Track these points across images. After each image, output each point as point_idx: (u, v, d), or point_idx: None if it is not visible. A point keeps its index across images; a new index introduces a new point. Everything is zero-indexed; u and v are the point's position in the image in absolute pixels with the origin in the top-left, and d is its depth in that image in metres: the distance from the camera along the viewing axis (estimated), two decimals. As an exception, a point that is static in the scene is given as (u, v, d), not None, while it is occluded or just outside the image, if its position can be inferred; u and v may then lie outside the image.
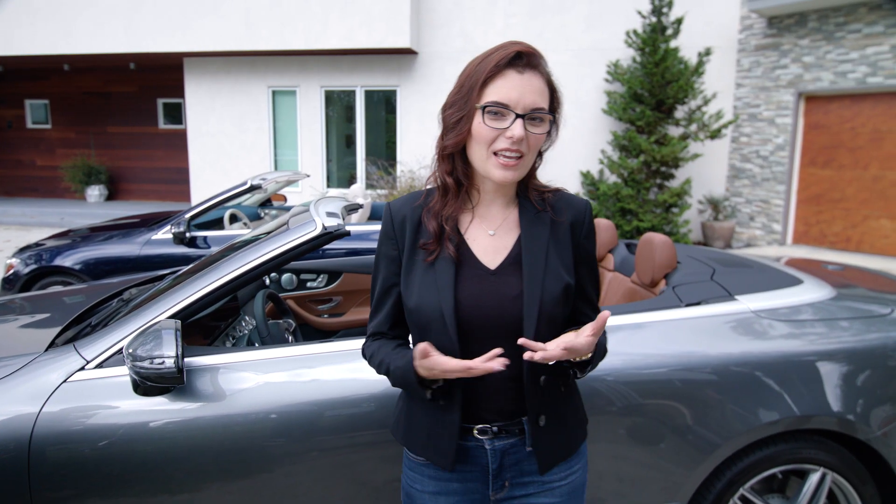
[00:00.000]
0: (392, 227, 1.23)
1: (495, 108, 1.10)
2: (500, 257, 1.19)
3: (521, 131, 1.09)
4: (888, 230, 8.16)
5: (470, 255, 1.19)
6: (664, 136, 8.62)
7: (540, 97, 1.12)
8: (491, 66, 1.10)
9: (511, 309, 1.14)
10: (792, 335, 1.92)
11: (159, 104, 12.94)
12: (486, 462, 1.20)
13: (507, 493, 1.23)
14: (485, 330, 1.15)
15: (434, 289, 1.15)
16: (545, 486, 1.23)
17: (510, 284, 1.16)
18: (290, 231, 1.87)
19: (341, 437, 1.68)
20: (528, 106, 1.10)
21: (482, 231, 1.21)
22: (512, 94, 1.09)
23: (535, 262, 1.16)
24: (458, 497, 1.23)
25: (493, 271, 1.18)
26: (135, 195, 13.42)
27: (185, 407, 1.66)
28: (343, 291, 3.22)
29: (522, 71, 1.10)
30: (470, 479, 1.22)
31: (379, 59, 10.18)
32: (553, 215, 1.21)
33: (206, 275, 1.79)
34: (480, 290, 1.16)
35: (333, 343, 1.80)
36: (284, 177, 5.04)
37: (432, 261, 1.17)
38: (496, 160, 1.12)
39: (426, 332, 1.17)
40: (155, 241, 4.48)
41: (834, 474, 1.91)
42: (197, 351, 1.77)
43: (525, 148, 1.12)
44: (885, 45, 7.73)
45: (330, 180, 10.95)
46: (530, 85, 1.10)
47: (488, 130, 1.11)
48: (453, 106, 1.16)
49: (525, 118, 1.10)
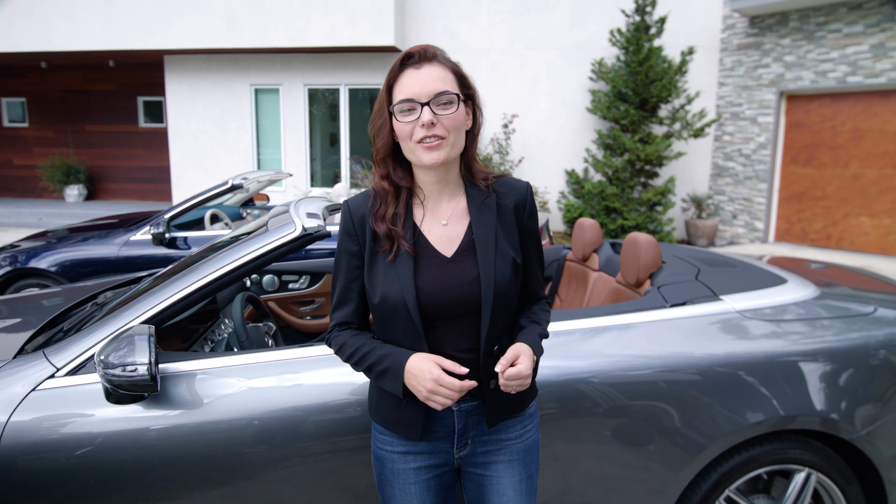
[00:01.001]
0: (352, 224, 1.31)
1: (402, 104, 1.21)
2: (455, 245, 1.29)
3: (429, 116, 1.19)
4: (867, 228, 8.27)
5: (427, 245, 1.28)
6: (648, 135, 8.66)
7: (441, 83, 1.21)
8: (390, 72, 1.23)
9: (469, 292, 1.25)
10: (777, 335, 1.91)
11: (139, 102, 12.76)
12: (452, 423, 1.31)
13: (470, 450, 1.34)
14: (446, 312, 1.26)
15: (396, 282, 1.24)
16: (502, 445, 1.35)
17: (466, 270, 1.26)
18: (269, 233, 1.83)
19: (324, 442, 1.65)
20: (430, 93, 1.20)
21: (436, 222, 1.30)
22: (413, 88, 1.20)
23: (486, 247, 1.27)
24: (425, 456, 1.33)
25: (449, 259, 1.27)
26: (115, 195, 13.22)
27: (162, 414, 1.61)
28: (325, 293, 3.17)
29: (419, 66, 1.22)
30: (436, 439, 1.32)
31: (363, 57, 10.11)
32: (498, 199, 1.31)
33: (181, 278, 1.74)
34: (441, 277, 1.26)
35: (314, 347, 1.76)
36: (266, 176, 4.97)
37: (392, 258, 1.26)
38: (421, 146, 1.21)
39: (392, 321, 1.27)
40: (134, 242, 4.40)
41: (819, 474, 1.90)
42: (173, 357, 1.72)
43: (442, 131, 1.21)
44: (865, 44, 7.83)
45: (314, 179, 10.86)
46: (429, 75, 1.21)
47: (403, 125, 1.22)
48: (375, 116, 1.28)
49: (430, 104, 1.20)
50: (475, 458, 1.35)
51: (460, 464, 1.36)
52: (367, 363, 1.29)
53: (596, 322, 1.88)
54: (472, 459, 1.35)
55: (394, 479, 1.35)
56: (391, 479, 1.35)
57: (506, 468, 1.34)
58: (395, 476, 1.35)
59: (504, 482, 1.34)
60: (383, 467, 1.37)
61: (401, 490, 1.34)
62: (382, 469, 1.37)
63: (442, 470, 1.36)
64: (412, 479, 1.33)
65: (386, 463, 1.36)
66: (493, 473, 1.35)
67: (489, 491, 1.35)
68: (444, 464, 1.35)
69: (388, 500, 1.38)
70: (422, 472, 1.34)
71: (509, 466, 1.35)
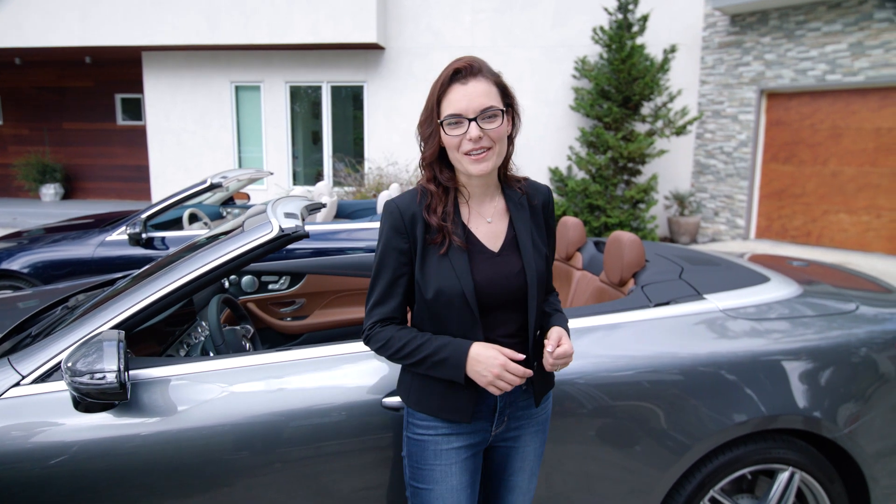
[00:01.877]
0: (402, 222, 1.38)
1: (451, 119, 1.31)
2: (500, 241, 1.41)
3: (476, 132, 1.29)
4: (846, 224, 8.38)
5: (476, 241, 1.40)
6: (631, 133, 8.69)
7: (486, 98, 1.31)
8: (438, 87, 1.32)
9: (516, 283, 1.38)
10: (760, 334, 1.90)
11: (117, 99, 12.52)
12: (494, 403, 1.42)
13: (505, 426, 1.46)
14: (497, 302, 1.38)
15: (452, 274, 1.34)
16: (531, 418, 1.49)
17: (511, 263, 1.39)
18: (246, 233, 1.78)
19: (306, 447, 1.61)
20: (477, 109, 1.30)
21: (481, 220, 1.42)
22: (461, 103, 1.30)
23: (526, 243, 1.41)
24: (466, 436, 1.43)
25: (496, 253, 1.40)
26: (93, 194, 12.98)
27: (136, 422, 1.56)
28: (307, 293, 3.12)
29: (465, 82, 1.31)
30: (478, 419, 1.43)
31: (345, 54, 10.02)
32: (529, 200, 1.46)
33: (153, 281, 1.69)
34: (492, 270, 1.38)
35: (292, 351, 1.72)
36: (247, 174, 4.89)
37: (444, 252, 1.35)
38: (469, 158, 1.32)
39: (446, 313, 1.36)
40: (110, 242, 4.29)
41: (802, 473, 1.90)
42: (145, 363, 1.66)
43: (488, 142, 1.32)
44: (844, 43, 7.92)
45: (296, 178, 10.75)
46: (475, 91, 1.30)
47: (452, 139, 1.32)
48: (423, 124, 1.37)
49: (477, 119, 1.30)
50: (507, 433, 1.47)
51: (493, 440, 1.47)
52: (421, 354, 1.36)
53: (580, 322, 1.85)
54: (504, 434, 1.47)
55: (435, 461, 1.42)
56: (432, 461, 1.42)
57: (531, 438, 1.50)
58: (437, 457, 1.42)
59: (528, 449, 1.50)
60: (424, 451, 1.43)
61: (441, 471, 1.42)
62: (423, 453, 1.43)
63: (477, 449, 1.46)
64: (453, 459, 1.42)
65: (428, 446, 1.42)
66: (519, 444, 1.49)
67: (513, 458, 1.50)
68: (481, 443, 1.46)
69: (427, 482, 1.43)
70: (462, 452, 1.43)
71: (534, 436, 1.51)
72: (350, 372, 1.70)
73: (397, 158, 9.82)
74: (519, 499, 1.54)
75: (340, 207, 5.74)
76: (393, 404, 1.63)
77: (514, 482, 1.52)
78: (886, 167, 7.92)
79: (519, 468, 1.51)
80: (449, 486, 1.42)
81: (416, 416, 1.45)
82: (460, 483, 1.42)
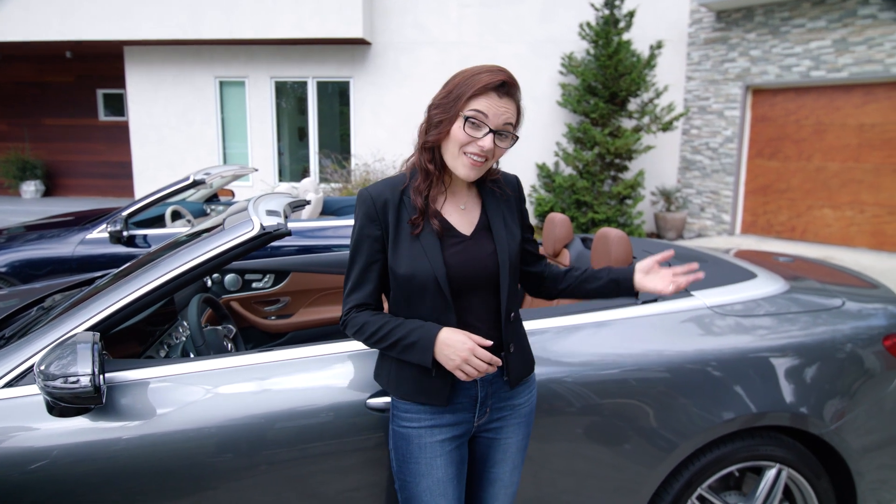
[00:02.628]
0: (375, 209, 1.40)
1: (476, 118, 1.33)
2: (472, 226, 1.45)
3: (490, 144, 1.34)
4: (830, 219, 8.46)
5: (448, 225, 1.43)
6: (618, 129, 8.70)
7: (511, 116, 1.36)
8: (480, 85, 1.32)
9: (488, 264, 1.42)
10: (748, 331, 1.89)
11: (99, 95, 12.33)
12: (475, 393, 1.43)
13: (488, 417, 1.47)
14: (469, 285, 1.41)
15: (425, 259, 1.37)
16: (514, 409, 1.50)
17: (483, 246, 1.43)
18: (226, 232, 1.73)
19: (292, 449, 1.58)
20: (501, 124, 1.35)
21: (455, 206, 1.46)
22: (490, 111, 1.33)
23: (499, 227, 1.46)
24: (449, 428, 1.43)
25: (469, 237, 1.43)
26: (74, 191, 12.79)
27: (115, 426, 1.52)
28: (291, 292, 3.08)
29: (502, 96, 1.34)
30: (460, 410, 1.44)
31: (331, 49, 9.93)
32: (500, 189, 1.52)
33: (129, 282, 1.64)
34: (464, 253, 1.41)
35: (276, 352, 1.68)
36: (231, 171, 4.83)
37: (418, 234, 1.38)
38: (465, 159, 1.35)
39: (419, 296, 1.39)
40: (90, 240, 4.21)
41: (789, 470, 1.90)
42: (122, 364, 1.62)
43: (490, 154, 1.37)
44: (828, 39, 7.97)
45: (282, 174, 10.66)
46: (505, 108, 1.34)
47: (465, 136, 1.34)
48: (439, 108, 1.37)
49: (496, 133, 1.34)
50: (490, 423, 1.48)
51: (476, 431, 1.48)
52: (393, 338, 1.38)
53: (568, 321, 1.84)
54: (487, 425, 1.48)
55: (420, 455, 1.42)
56: (418, 454, 1.42)
57: (513, 430, 1.51)
58: (421, 451, 1.42)
59: (510, 441, 1.50)
60: (409, 444, 1.43)
61: (426, 464, 1.42)
62: (408, 446, 1.43)
63: (462, 441, 1.47)
64: (438, 452, 1.42)
65: (413, 439, 1.43)
66: (502, 436, 1.50)
67: (495, 450, 1.50)
68: (465, 434, 1.47)
69: (413, 476, 1.43)
70: (446, 444, 1.43)
71: (517, 428, 1.51)
72: (334, 373, 1.66)
73: (384, 154, 9.76)
74: (500, 492, 1.53)
75: (326, 204, 5.69)
76: (378, 405, 1.60)
77: (495, 474, 1.52)
78: (869, 163, 8.00)
79: (500, 460, 1.51)
80: (435, 478, 1.42)
81: (400, 408, 1.45)
82: (446, 475, 1.43)
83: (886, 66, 7.50)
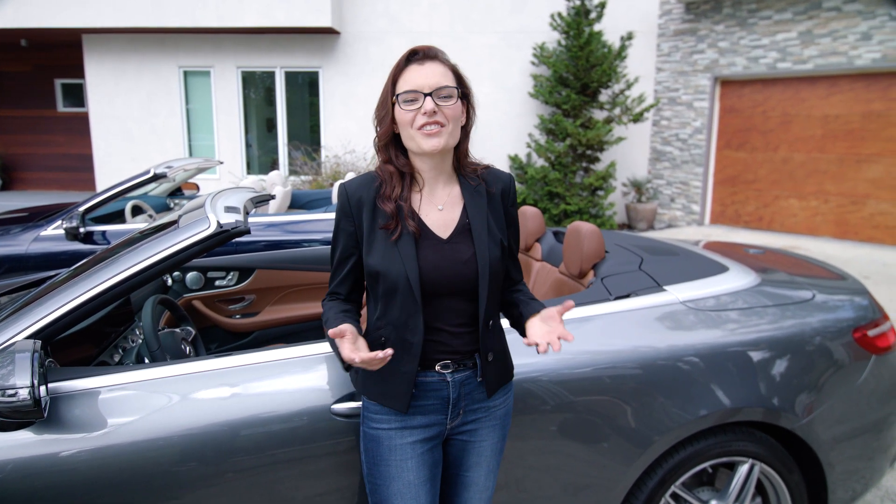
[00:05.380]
0: (349, 206, 1.38)
1: (406, 94, 1.30)
2: (450, 228, 1.38)
3: (432, 105, 1.28)
4: (796, 209, 8.61)
5: (425, 228, 1.37)
6: (589, 120, 8.71)
7: (443, 78, 1.31)
8: (395, 68, 1.33)
9: (465, 270, 1.35)
10: (720, 325, 1.87)
11: (57, 85, 11.91)
12: (446, 394, 1.39)
13: (461, 419, 1.42)
14: (443, 289, 1.35)
15: (398, 260, 1.32)
16: (489, 411, 1.45)
17: (461, 250, 1.36)
18: (180, 230, 1.64)
19: (259, 456, 1.51)
20: (433, 86, 1.30)
21: (432, 207, 1.39)
22: (417, 80, 1.30)
23: (480, 230, 1.37)
24: (420, 430, 1.39)
25: (446, 240, 1.37)
26: (33, 185, 12.35)
27: (61, 438, 1.43)
28: (256, 289, 2.98)
29: (422, 63, 1.32)
30: (431, 411, 1.39)
31: (299, 38, 9.72)
32: (487, 187, 1.42)
33: (75, 285, 1.54)
34: (439, 257, 1.34)
35: (237, 357, 1.60)
36: (194, 164, 4.67)
37: (395, 239, 1.33)
38: (421, 133, 1.30)
39: (391, 297, 1.34)
40: (45, 237, 4.03)
41: (762, 465, 1.89)
42: (69, 373, 1.52)
43: (443, 119, 1.30)
44: (794, 31, 8.08)
45: (251, 166, 10.43)
46: (431, 71, 1.31)
47: (405, 113, 1.30)
48: (379, 107, 1.37)
49: (433, 95, 1.29)
50: (464, 426, 1.43)
51: (449, 433, 1.43)
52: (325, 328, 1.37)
53: (540, 318, 1.79)
54: (461, 428, 1.43)
55: (390, 457, 1.38)
56: (387, 456, 1.38)
57: (488, 432, 1.46)
58: (391, 453, 1.38)
59: (484, 444, 1.46)
60: (379, 446, 1.39)
61: (397, 467, 1.38)
62: (378, 448, 1.39)
63: (434, 443, 1.42)
64: (408, 454, 1.38)
65: (382, 441, 1.39)
66: (476, 438, 1.45)
67: (469, 452, 1.46)
68: (437, 436, 1.42)
69: (384, 479, 1.39)
70: (417, 446, 1.39)
71: (491, 430, 1.46)
72: (299, 378, 1.59)
73: (355, 146, 9.62)
74: (475, 496, 1.49)
75: (294, 197, 5.56)
76: (342, 410, 1.53)
77: (470, 478, 1.47)
78: (833, 153, 8.16)
79: (475, 463, 1.46)
80: (406, 481, 1.38)
81: (370, 409, 1.41)
82: (418, 478, 1.38)
83: (850, 59, 7.63)
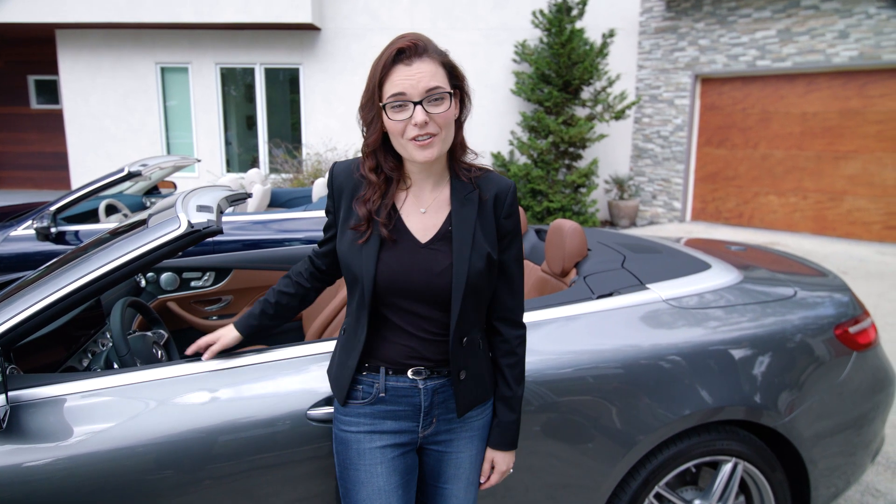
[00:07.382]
0: (332, 188, 1.36)
1: (394, 102, 1.20)
2: (431, 233, 1.30)
3: (422, 116, 1.19)
4: (775, 206, 8.70)
5: (404, 229, 1.30)
6: (571, 117, 8.72)
7: (432, 79, 1.20)
8: (380, 67, 1.21)
9: (438, 280, 1.27)
10: (703, 323, 1.86)
11: (30, 81, 11.64)
12: (418, 401, 1.33)
13: (434, 428, 1.37)
14: (407, 296, 1.28)
15: (360, 257, 1.27)
16: (465, 423, 1.39)
17: (438, 258, 1.28)
18: (149, 230, 1.58)
19: (238, 462, 1.47)
20: (422, 91, 1.19)
21: (415, 208, 1.32)
22: (404, 85, 1.19)
23: (463, 240, 1.28)
24: (390, 435, 1.34)
25: (423, 245, 1.29)
26: (5, 183, 12.07)
27: (26, 448, 1.37)
28: (233, 290, 2.91)
29: (410, 62, 1.20)
30: (402, 417, 1.34)
31: (279, 34, 9.60)
32: (480, 194, 1.32)
33: (37, 288, 1.47)
34: (409, 262, 1.27)
35: (212, 362, 1.55)
36: (171, 162, 4.57)
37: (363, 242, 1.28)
38: (413, 143, 1.21)
39: (353, 287, 1.32)
40: (15, 237, 3.91)
41: (745, 463, 1.88)
42: (33, 380, 1.46)
43: (435, 128, 1.21)
44: (773, 29, 8.15)
45: (230, 164, 10.29)
46: (419, 72, 1.19)
47: (395, 124, 1.21)
48: (365, 107, 1.27)
49: (423, 103, 1.19)
50: (438, 436, 1.38)
51: (423, 441, 1.38)
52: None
53: (525, 317, 1.75)
54: (436, 437, 1.38)
55: (359, 461, 1.34)
56: (356, 460, 1.34)
57: (466, 444, 1.40)
58: (360, 457, 1.34)
59: (462, 456, 1.40)
60: (348, 450, 1.35)
61: (366, 472, 1.33)
62: (347, 452, 1.35)
63: (406, 449, 1.37)
64: (378, 459, 1.33)
65: (351, 444, 1.35)
66: (453, 449, 1.39)
67: (446, 464, 1.40)
68: (409, 443, 1.37)
69: (354, 484, 1.35)
70: (387, 451, 1.34)
71: (469, 442, 1.40)
72: (275, 382, 1.54)
73: (336, 144, 9.53)
74: None
75: (274, 196, 5.48)
76: (318, 416, 1.49)
77: (448, 491, 1.42)
78: (811, 150, 8.25)
79: (453, 476, 1.41)
80: (376, 487, 1.33)
81: (340, 410, 1.37)
82: (388, 484, 1.33)
83: (828, 56, 7.72)
